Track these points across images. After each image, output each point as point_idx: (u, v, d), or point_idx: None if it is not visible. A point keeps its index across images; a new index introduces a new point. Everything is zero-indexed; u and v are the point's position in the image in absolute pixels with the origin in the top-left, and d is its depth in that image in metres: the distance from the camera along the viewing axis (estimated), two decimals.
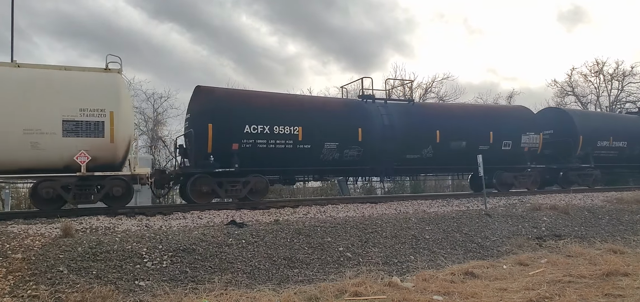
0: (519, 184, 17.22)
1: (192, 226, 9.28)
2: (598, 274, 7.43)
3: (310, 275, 7.61)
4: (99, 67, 11.42)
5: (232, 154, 12.62)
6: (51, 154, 10.45)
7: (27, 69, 10.89)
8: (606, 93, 36.15)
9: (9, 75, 10.51)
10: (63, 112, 10.50)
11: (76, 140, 10.57)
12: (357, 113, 14.82)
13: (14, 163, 10.32)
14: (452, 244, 9.65)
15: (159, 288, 6.55)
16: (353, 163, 14.58)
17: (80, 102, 10.66)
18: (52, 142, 10.38)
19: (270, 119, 13.12)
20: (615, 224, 12.24)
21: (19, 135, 10.16)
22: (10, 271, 6.63)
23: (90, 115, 10.71)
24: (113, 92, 11.07)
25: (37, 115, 10.31)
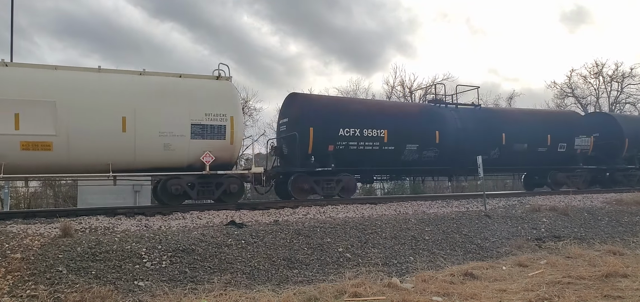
0: (571, 183, 18.51)
1: (192, 226, 9.28)
2: (597, 276, 7.43)
3: (310, 276, 7.61)
4: (211, 75, 12.71)
5: (328, 155, 14.00)
6: (180, 155, 11.58)
7: (153, 77, 12.06)
8: (606, 94, 36.21)
9: (139, 82, 11.69)
10: (191, 117, 11.66)
11: (202, 142, 11.72)
12: (434, 117, 16.24)
13: (149, 162, 11.44)
14: (451, 245, 9.65)
15: (158, 288, 6.54)
16: (430, 163, 15.99)
17: (206, 107, 11.84)
18: (182, 143, 11.52)
19: (361, 123, 14.48)
20: (615, 226, 12.25)
21: (155, 137, 11.31)
22: (9, 270, 6.62)
23: (214, 119, 11.89)
24: (232, 99, 12.49)
25: (169, 119, 11.43)
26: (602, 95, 36.18)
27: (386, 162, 15.16)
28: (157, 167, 11.54)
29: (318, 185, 13.82)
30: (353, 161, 14.43)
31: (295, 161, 13.90)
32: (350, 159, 14.34)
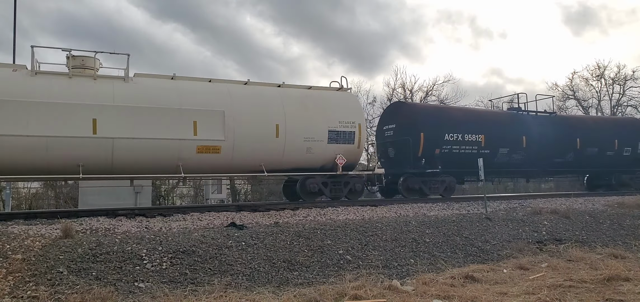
0: (634, 185, 20.17)
1: (192, 227, 9.28)
2: (599, 279, 7.40)
3: (310, 278, 7.60)
4: (333, 87, 14.50)
5: (435, 158, 15.54)
6: (317, 157, 13.28)
7: (293, 89, 13.95)
8: (608, 97, 36.17)
9: (285, 94, 13.43)
10: (328, 124, 13.36)
11: (335, 146, 13.42)
12: (520, 123, 18.05)
13: (293, 163, 13.14)
14: (452, 248, 9.64)
15: (159, 290, 6.54)
16: (518, 165, 17.79)
17: (339, 116, 13.60)
18: (320, 147, 13.23)
19: (462, 128, 16.21)
20: (617, 229, 12.21)
21: (300, 142, 12.99)
22: (10, 271, 6.63)
23: (345, 126, 13.63)
24: (359, 108, 14.66)
25: (311, 127, 13.12)
26: (604, 97, 36.17)
27: None
28: (299, 167, 13.30)
29: (425, 185, 15.49)
30: (455, 163, 15.99)
31: (405, 163, 15.46)
32: (453, 161, 15.93)
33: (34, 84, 10.85)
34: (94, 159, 11.00)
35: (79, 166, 10.80)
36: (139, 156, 11.33)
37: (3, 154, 10.26)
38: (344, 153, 13.39)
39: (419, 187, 15.37)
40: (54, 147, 10.61)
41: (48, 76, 11.16)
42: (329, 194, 13.57)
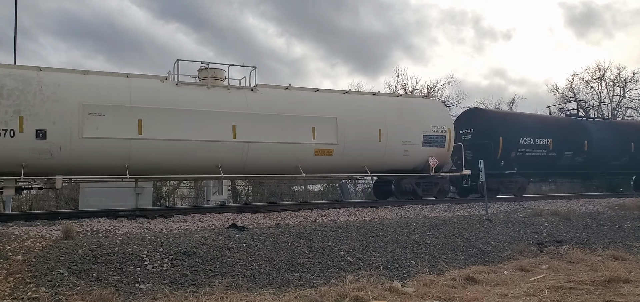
0: None
1: (193, 229, 9.28)
2: (599, 281, 7.40)
3: (311, 279, 7.59)
4: (421, 95, 16.46)
5: (511, 160, 17.04)
6: (413, 159, 14.65)
7: (390, 97, 15.73)
8: (608, 99, 36.15)
9: (385, 101, 15.03)
10: (423, 129, 14.70)
11: (428, 149, 14.71)
12: (582, 128, 19.70)
13: (391, 165, 14.53)
14: (453, 249, 9.63)
15: (160, 291, 6.54)
16: (579, 167, 19.48)
17: (432, 122, 14.93)
18: (415, 150, 14.56)
19: (534, 133, 17.77)
20: (617, 231, 12.20)
21: (399, 145, 14.34)
22: (11, 272, 6.63)
23: (437, 131, 14.94)
24: (448, 114, 16.49)
25: (408, 131, 14.46)
26: (605, 99, 36.15)
27: (549, 166, 18.59)
28: (395, 168, 14.68)
29: (502, 185, 17.01)
30: (528, 165, 17.58)
31: (485, 165, 16.45)
32: (526, 163, 17.48)
33: (179, 93, 12.20)
34: (231, 161, 12.34)
35: (217, 167, 12.15)
36: (267, 158, 12.73)
37: (155, 157, 11.57)
38: (435, 155, 14.74)
39: (497, 187, 16.84)
40: (198, 150, 11.92)
41: (190, 87, 12.61)
42: (421, 193, 14.88)
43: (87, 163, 11.12)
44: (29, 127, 10.44)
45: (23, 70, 11.15)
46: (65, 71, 11.69)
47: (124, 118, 11.20)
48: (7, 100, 10.39)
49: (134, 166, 11.37)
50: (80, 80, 11.37)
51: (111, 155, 11.15)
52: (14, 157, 10.38)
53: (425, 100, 16.01)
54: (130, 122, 11.23)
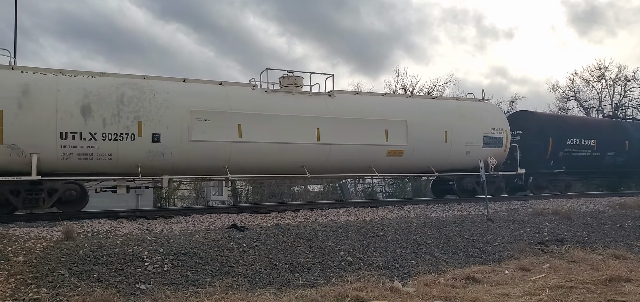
0: None
1: (194, 229, 9.28)
2: (600, 280, 7.39)
3: (311, 279, 7.59)
4: (477, 99, 16.91)
5: (559, 160, 18.36)
6: (473, 159, 15.35)
7: (445, 101, 16.66)
8: (609, 98, 36.13)
9: (448, 104, 16.07)
10: (483, 131, 15.69)
11: (487, 150, 15.62)
12: (623, 129, 21.15)
13: (454, 165, 15.46)
14: (453, 249, 9.63)
15: (160, 292, 6.54)
16: (620, 166, 20.77)
17: (491, 124, 15.96)
18: (476, 151, 15.48)
19: (580, 134, 19.16)
20: (618, 230, 12.19)
21: (462, 146, 15.28)
22: (12, 274, 6.64)
23: (496, 133, 15.96)
24: (504, 117, 17.29)
25: (470, 133, 15.46)
26: (605, 98, 36.14)
27: (593, 165, 19.93)
28: (457, 168, 15.62)
29: (551, 183, 18.38)
30: (574, 164, 18.88)
31: (537, 165, 17.92)
32: (572, 162, 18.78)
33: (269, 100, 13.24)
34: (314, 161, 13.35)
35: (302, 167, 13.18)
36: (345, 159, 13.77)
37: (251, 158, 12.62)
38: (494, 155, 15.53)
39: (546, 184, 18.31)
40: (287, 152, 12.94)
41: (277, 93, 13.66)
42: (480, 191, 15.51)
43: (193, 164, 12.13)
44: (147, 131, 11.45)
45: (133, 78, 12.07)
46: (167, 79, 12.67)
47: (225, 123, 12.24)
48: (127, 107, 11.34)
49: (233, 167, 12.39)
50: (184, 88, 12.44)
51: (214, 156, 12.16)
52: (133, 158, 11.39)
53: (484, 104, 17.05)
54: (231, 127, 12.27)
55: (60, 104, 10.81)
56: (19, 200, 10.53)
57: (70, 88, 11.08)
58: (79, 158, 10.95)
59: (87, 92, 11.15)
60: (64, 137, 10.76)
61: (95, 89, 11.29)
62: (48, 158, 10.69)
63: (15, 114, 10.44)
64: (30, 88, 10.73)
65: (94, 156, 11.08)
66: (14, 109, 10.45)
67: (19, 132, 10.43)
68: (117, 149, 11.18)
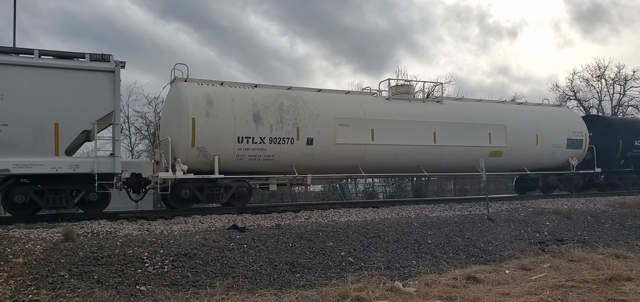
0: None
1: (194, 230, 9.27)
2: (601, 279, 7.39)
3: (312, 280, 7.58)
4: (555, 104, 19.14)
5: (628, 159, 20.19)
6: (557, 159, 17.70)
7: (536, 107, 18.65)
8: (608, 97, 36.15)
9: (537, 110, 18.13)
10: (566, 134, 17.78)
11: (570, 151, 17.74)
12: None
13: (541, 164, 17.53)
14: (454, 249, 9.62)
15: (160, 293, 6.53)
16: None
17: (573, 127, 18.09)
18: (560, 152, 17.62)
19: None
20: (619, 229, 12.18)
21: (549, 148, 17.39)
22: (12, 275, 6.62)
23: (577, 135, 18.06)
24: (582, 121, 18.96)
25: (556, 136, 17.56)
26: (605, 97, 36.16)
27: None
28: (544, 167, 17.65)
29: (621, 181, 20.01)
30: (636, 163, 20.38)
31: (607, 164, 19.46)
32: (635, 162, 20.34)
33: (392, 106, 15.04)
34: (430, 161, 15.16)
35: (419, 166, 14.98)
36: (455, 159, 15.54)
37: (380, 158, 14.26)
38: (575, 156, 17.59)
39: (616, 182, 19.92)
40: (408, 153, 14.73)
41: (397, 101, 15.32)
42: (563, 188, 17.75)
43: (334, 164, 13.79)
44: (303, 135, 13.19)
45: (280, 89, 13.87)
46: (306, 89, 14.56)
47: (361, 128, 14.00)
48: (287, 115, 13.08)
49: (365, 166, 14.13)
50: (327, 98, 14.28)
51: (351, 157, 13.89)
52: (290, 159, 13.08)
53: (567, 110, 19.83)
54: (366, 131, 14.05)
55: (236, 113, 12.50)
56: (203, 195, 12.16)
57: (241, 98, 12.79)
58: (249, 159, 12.68)
59: (255, 102, 12.86)
60: (240, 141, 12.44)
61: (260, 98, 13.01)
62: (226, 159, 12.36)
63: (204, 121, 12.08)
64: (212, 99, 12.40)
65: (260, 157, 12.80)
66: (203, 117, 12.09)
67: (206, 137, 12.06)
68: (279, 151, 12.91)
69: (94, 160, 10.57)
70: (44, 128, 10.18)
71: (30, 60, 10.31)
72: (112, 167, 10.63)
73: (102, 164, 10.55)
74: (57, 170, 10.22)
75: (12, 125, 9.93)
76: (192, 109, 12.00)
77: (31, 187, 10.43)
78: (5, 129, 9.88)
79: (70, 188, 10.64)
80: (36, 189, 10.41)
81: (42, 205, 10.57)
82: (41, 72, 10.31)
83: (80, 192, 10.71)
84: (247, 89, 13.32)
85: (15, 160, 9.91)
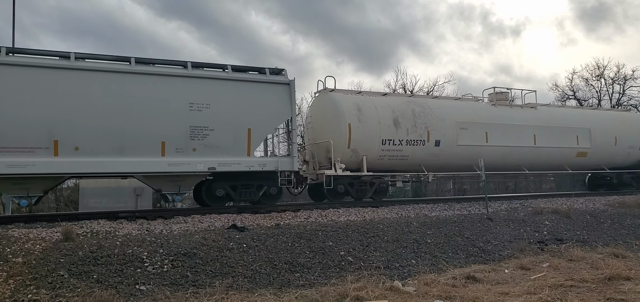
0: None
1: (193, 230, 9.27)
2: (600, 279, 7.40)
3: (312, 279, 7.59)
4: (623, 109, 20.62)
5: None
6: (630, 159, 19.92)
7: (609, 112, 21.99)
8: (607, 97, 36.17)
9: (614, 115, 20.71)
10: (638, 137, 20.06)
11: None
12: None
13: (617, 163, 19.61)
14: (453, 248, 9.63)
15: (160, 292, 6.53)
16: None
17: None
18: (634, 153, 19.79)
19: None
20: (618, 228, 12.20)
21: (625, 148, 19.48)
22: (11, 275, 6.62)
23: None
24: None
25: (631, 138, 19.58)
26: (604, 97, 36.17)
27: None
28: (618, 166, 19.75)
29: None
30: None
31: None
32: None
33: (497, 112, 16.95)
34: (530, 160, 17.17)
35: (520, 165, 17.05)
36: (549, 158, 17.74)
37: (493, 158, 15.96)
38: None
39: None
40: (514, 153, 16.73)
41: (501, 107, 17.25)
42: (635, 185, 19.60)
43: (453, 163, 15.66)
44: (432, 138, 15.12)
45: (404, 97, 16.35)
46: (424, 97, 16.83)
47: (477, 131, 15.92)
48: (419, 120, 15.00)
49: (479, 165, 15.05)
50: (450, 104, 16.37)
51: (468, 157, 15.67)
52: (420, 159, 15.05)
53: (633, 114, 21.81)
54: (481, 134, 15.99)
55: (380, 118, 14.46)
56: (353, 190, 14.15)
57: (382, 105, 14.76)
58: (389, 159, 14.57)
59: (392, 109, 14.80)
60: (383, 143, 14.39)
61: (396, 106, 15.02)
62: (371, 159, 14.27)
63: (357, 126, 14.05)
64: (361, 107, 14.42)
65: (397, 157, 14.64)
66: (356, 123, 14.08)
67: (358, 139, 14.01)
68: (412, 151, 14.84)
69: (277, 159, 12.88)
70: (240, 133, 12.15)
71: (229, 75, 12.23)
72: (291, 166, 12.86)
73: (283, 163, 12.78)
74: (250, 168, 12.28)
75: (217, 130, 11.85)
76: (348, 116, 14.05)
77: (227, 183, 12.28)
78: (212, 133, 11.81)
79: (257, 183, 12.64)
80: (231, 184, 12.34)
81: (235, 198, 12.57)
82: (237, 85, 12.28)
83: (263, 187, 12.73)
84: (380, 97, 15.54)
85: (219, 159, 11.84)
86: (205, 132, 11.72)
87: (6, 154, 10.07)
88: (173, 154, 11.38)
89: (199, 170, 11.68)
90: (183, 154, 11.47)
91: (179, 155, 11.43)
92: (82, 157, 10.64)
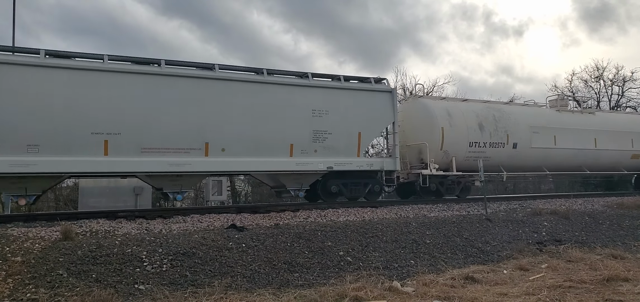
0: None
1: (192, 229, 9.27)
2: (598, 280, 7.41)
3: (311, 279, 7.59)
4: None
5: None
6: None
7: (622, 115, 23.23)
8: (606, 98, 36.22)
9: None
10: None
11: None
12: None
13: (625, 167, 19.97)
14: (452, 249, 9.64)
15: (159, 292, 6.53)
16: None
17: None
18: None
19: None
20: (616, 229, 12.21)
21: None
22: (10, 274, 6.62)
23: None
24: None
25: None
26: (603, 98, 36.21)
27: None
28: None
29: None
30: None
31: None
32: None
33: (561, 117, 18.52)
34: (590, 162, 18.57)
35: (580, 166, 18.43)
36: (607, 160, 19.06)
37: (560, 160, 17.64)
38: None
39: None
40: (578, 156, 18.04)
41: (564, 112, 18.89)
42: None
43: (526, 163, 17.04)
44: (510, 141, 16.43)
45: (483, 103, 17.64)
46: (497, 102, 18.28)
47: (547, 134, 17.26)
48: (499, 124, 16.36)
49: (548, 166, 17.42)
50: (522, 110, 17.72)
51: (537, 158, 17.09)
52: (500, 160, 16.24)
53: None
54: (550, 137, 17.33)
55: (467, 123, 15.79)
56: (443, 188, 15.51)
57: (466, 111, 16.16)
58: (473, 160, 15.14)
59: (477, 114, 16.18)
60: (470, 145, 15.68)
61: (480, 111, 16.43)
62: (459, 160, 15.48)
63: (448, 130, 15.31)
64: (450, 112, 15.72)
65: (481, 158, 14.88)
66: (448, 127, 15.35)
67: (449, 142, 15.25)
68: (493, 153, 16.08)
69: (382, 160, 14.52)
70: (352, 136, 13.57)
71: (343, 84, 13.69)
72: (394, 166, 14.23)
73: (387, 163, 14.22)
74: (360, 167, 13.73)
75: (334, 134, 13.29)
76: (440, 120, 15.28)
77: (339, 180, 13.66)
78: (330, 136, 13.26)
79: (363, 181, 13.99)
80: (342, 182, 13.69)
81: (346, 194, 13.86)
82: (350, 93, 13.76)
83: (368, 185, 14.04)
84: (461, 102, 17.21)
85: (335, 159, 13.33)
86: (325, 136, 13.21)
87: (168, 154, 11.41)
88: (299, 155, 12.93)
89: (320, 169, 13.20)
90: (307, 155, 13.00)
91: (303, 156, 12.97)
92: (228, 157, 11.99)
